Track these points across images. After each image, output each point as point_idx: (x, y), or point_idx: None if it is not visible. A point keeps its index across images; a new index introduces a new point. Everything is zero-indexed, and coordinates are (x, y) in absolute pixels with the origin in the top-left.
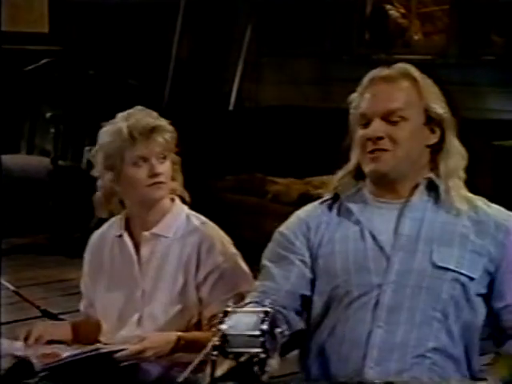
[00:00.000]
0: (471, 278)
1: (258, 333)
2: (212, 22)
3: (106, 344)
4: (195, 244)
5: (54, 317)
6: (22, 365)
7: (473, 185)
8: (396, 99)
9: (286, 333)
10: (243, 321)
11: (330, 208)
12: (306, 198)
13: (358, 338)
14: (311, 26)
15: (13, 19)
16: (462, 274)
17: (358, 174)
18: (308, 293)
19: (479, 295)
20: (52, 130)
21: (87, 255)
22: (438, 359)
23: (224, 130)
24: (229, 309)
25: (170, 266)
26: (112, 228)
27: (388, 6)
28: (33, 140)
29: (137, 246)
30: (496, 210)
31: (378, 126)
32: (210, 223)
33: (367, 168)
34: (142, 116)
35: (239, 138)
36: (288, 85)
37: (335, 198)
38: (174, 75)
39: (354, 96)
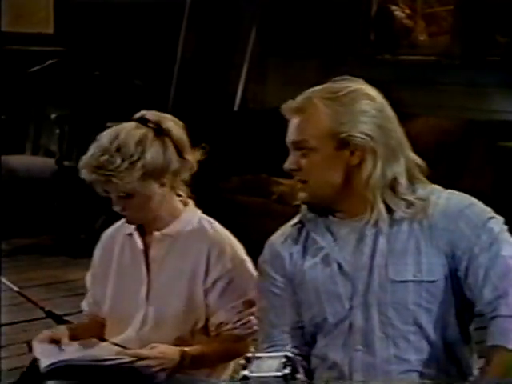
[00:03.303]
0: (433, 281)
1: (280, 374)
2: (217, 22)
3: (110, 343)
4: (205, 249)
5: (58, 318)
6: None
7: (477, 186)
8: (300, 131)
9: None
10: (265, 364)
11: (299, 233)
12: None
13: (341, 364)
14: (316, 26)
15: (18, 20)
16: (422, 281)
17: None
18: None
19: (459, 286)
20: (57, 131)
21: (97, 251)
22: (424, 370)
23: (229, 131)
24: (250, 354)
25: (178, 268)
26: (124, 226)
27: (393, 7)
28: (38, 141)
29: (146, 246)
30: (445, 199)
31: (291, 158)
32: (222, 228)
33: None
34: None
35: (244, 138)
36: (293, 86)
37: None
38: (179, 76)
39: None
